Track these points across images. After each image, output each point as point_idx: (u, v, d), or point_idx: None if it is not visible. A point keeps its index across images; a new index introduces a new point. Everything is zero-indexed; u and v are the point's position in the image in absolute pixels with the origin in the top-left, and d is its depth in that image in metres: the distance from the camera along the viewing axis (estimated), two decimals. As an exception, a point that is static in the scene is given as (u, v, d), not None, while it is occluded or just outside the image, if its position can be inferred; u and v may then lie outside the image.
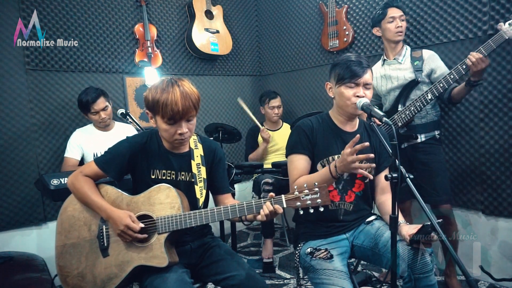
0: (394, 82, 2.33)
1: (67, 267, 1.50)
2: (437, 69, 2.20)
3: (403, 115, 2.20)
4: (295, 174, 1.64)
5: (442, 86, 2.03)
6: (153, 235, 1.45)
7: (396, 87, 2.32)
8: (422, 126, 2.26)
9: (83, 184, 1.51)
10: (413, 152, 2.28)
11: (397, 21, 2.26)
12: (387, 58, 2.39)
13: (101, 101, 2.49)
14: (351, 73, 1.55)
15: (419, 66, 2.23)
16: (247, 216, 1.44)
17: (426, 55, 2.25)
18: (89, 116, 2.53)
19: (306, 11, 3.43)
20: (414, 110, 2.15)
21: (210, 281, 1.59)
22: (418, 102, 2.13)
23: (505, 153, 2.24)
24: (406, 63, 2.30)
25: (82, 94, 2.49)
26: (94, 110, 2.48)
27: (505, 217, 2.30)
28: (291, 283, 2.55)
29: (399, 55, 2.33)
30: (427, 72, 2.23)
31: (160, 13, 3.29)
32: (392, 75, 2.34)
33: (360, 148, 1.39)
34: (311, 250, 1.61)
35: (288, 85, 3.73)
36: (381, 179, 1.69)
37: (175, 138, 1.48)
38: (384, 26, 2.31)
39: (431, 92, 2.07)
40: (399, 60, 2.33)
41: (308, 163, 1.65)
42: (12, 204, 2.57)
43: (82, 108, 2.52)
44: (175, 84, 1.43)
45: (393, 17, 2.26)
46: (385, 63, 2.41)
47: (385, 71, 2.39)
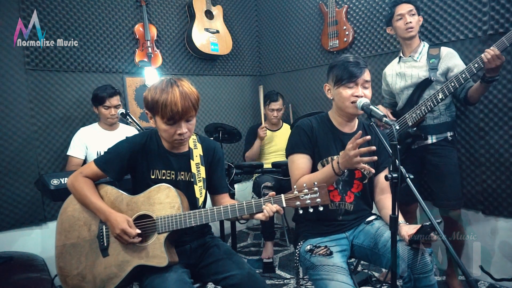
0: (408, 80, 2.27)
1: (67, 267, 1.50)
2: (455, 67, 2.11)
3: (414, 115, 2.14)
4: (297, 174, 1.64)
5: (453, 86, 1.97)
6: (153, 235, 1.45)
7: (410, 85, 2.25)
8: (433, 127, 2.19)
9: (82, 185, 1.51)
10: (424, 154, 2.23)
11: (406, 17, 2.19)
12: (403, 55, 2.33)
13: (117, 98, 2.57)
14: (349, 74, 1.56)
15: (434, 64, 2.15)
16: (243, 216, 1.44)
17: (444, 52, 2.16)
18: (100, 109, 2.56)
19: (306, 11, 3.43)
20: (425, 109, 2.09)
21: (210, 281, 1.59)
22: (429, 101, 2.06)
23: (506, 153, 2.24)
24: (421, 60, 2.22)
25: (101, 87, 2.58)
26: (108, 105, 2.53)
27: (505, 217, 2.29)
28: (291, 283, 2.55)
29: (415, 52, 2.26)
30: (442, 71, 2.14)
31: (160, 13, 3.29)
32: (407, 73, 2.28)
33: (361, 142, 1.39)
34: (311, 247, 1.61)
35: (288, 85, 3.73)
36: (381, 179, 1.70)
37: (175, 138, 1.48)
38: (394, 24, 2.27)
39: (442, 92, 2.01)
40: (415, 57, 2.26)
41: (309, 162, 1.65)
42: (12, 204, 2.57)
43: (96, 100, 2.56)
44: (175, 84, 1.43)
45: (401, 14, 2.21)
46: (400, 60, 2.35)
47: (400, 69, 2.33)
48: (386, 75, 2.44)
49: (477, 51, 2.29)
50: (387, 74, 2.44)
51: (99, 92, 2.54)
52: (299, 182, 1.59)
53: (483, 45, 2.26)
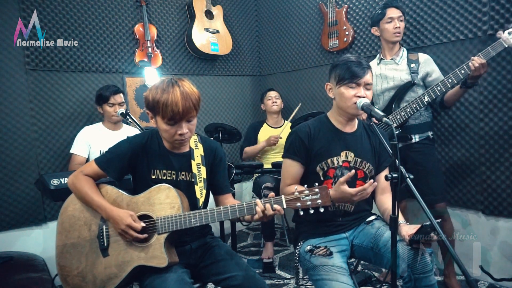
0: (390, 82, 2.33)
1: (67, 267, 1.50)
2: (433, 73, 2.25)
3: (398, 116, 2.23)
4: (286, 178, 1.70)
5: (439, 90, 2.06)
6: (153, 235, 1.45)
7: (392, 87, 2.32)
8: (416, 126, 2.28)
9: (83, 183, 1.51)
10: (407, 152, 2.29)
11: (396, 21, 2.27)
12: (384, 58, 2.39)
13: (121, 96, 2.60)
14: (351, 74, 1.56)
15: (415, 69, 2.25)
16: (245, 217, 1.44)
17: (422, 58, 2.28)
18: (104, 107, 2.57)
19: (306, 11, 3.43)
20: (410, 112, 2.18)
21: (210, 281, 1.59)
22: (414, 104, 2.15)
23: (505, 153, 2.24)
24: (402, 64, 2.31)
25: (104, 87, 2.62)
26: (112, 102, 2.55)
27: (505, 217, 2.30)
28: (291, 283, 2.55)
29: (396, 56, 2.34)
30: (422, 75, 2.26)
31: (160, 13, 3.29)
32: (388, 75, 2.34)
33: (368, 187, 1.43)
34: (311, 247, 1.61)
35: (288, 85, 3.73)
36: (381, 179, 1.70)
37: (176, 139, 1.48)
38: (383, 26, 2.32)
39: (428, 95, 2.10)
40: (396, 60, 2.33)
41: (300, 169, 1.69)
42: (12, 204, 2.57)
43: (100, 98, 2.58)
44: (176, 84, 1.43)
45: (392, 18, 2.27)
46: (381, 62, 2.41)
47: (381, 70, 2.39)
48: None
49: (477, 51, 2.28)
50: None
51: (103, 91, 2.56)
52: (287, 190, 1.65)
53: (483, 45, 2.26)
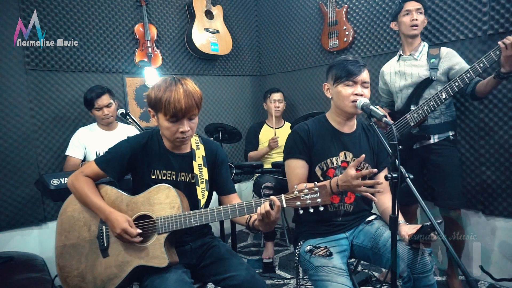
0: (408, 79, 2.25)
1: (67, 268, 1.50)
2: (456, 65, 2.10)
3: (416, 115, 2.13)
4: (293, 180, 1.66)
5: (457, 85, 1.94)
6: (153, 235, 1.45)
7: (410, 84, 2.23)
8: (435, 126, 2.18)
9: (83, 184, 1.51)
10: (426, 153, 2.22)
11: (413, 14, 2.17)
12: (403, 54, 2.31)
13: (106, 97, 2.53)
14: (348, 72, 1.57)
15: (435, 64, 2.14)
16: (254, 224, 1.45)
17: (444, 52, 2.15)
18: (93, 112, 2.55)
19: (306, 11, 3.43)
20: (428, 109, 2.07)
21: (210, 281, 1.59)
22: (432, 101, 2.05)
23: (505, 153, 2.24)
24: (422, 60, 2.21)
25: (89, 90, 2.55)
26: (98, 106, 2.50)
27: (505, 217, 2.30)
28: (291, 283, 2.55)
29: (415, 51, 2.24)
30: (443, 71, 2.13)
31: (160, 13, 3.29)
32: (407, 72, 2.25)
33: (366, 174, 1.41)
34: (311, 247, 1.61)
35: (288, 85, 3.73)
36: (380, 179, 1.69)
37: (177, 137, 1.47)
38: (400, 19, 2.24)
39: (445, 91, 1.99)
40: (415, 56, 2.24)
41: (305, 168, 1.66)
42: (12, 204, 2.57)
43: (86, 104, 2.55)
44: (179, 82, 1.44)
45: (409, 10, 2.19)
46: (400, 58, 2.32)
47: (400, 67, 2.30)
48: (384, 74, 2.43)
49: (477, 51, 2.29)
50: (385, 72, 2.42)
51: (87, 95, 2.51)
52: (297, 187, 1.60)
53: (483, 45, 2.26)
